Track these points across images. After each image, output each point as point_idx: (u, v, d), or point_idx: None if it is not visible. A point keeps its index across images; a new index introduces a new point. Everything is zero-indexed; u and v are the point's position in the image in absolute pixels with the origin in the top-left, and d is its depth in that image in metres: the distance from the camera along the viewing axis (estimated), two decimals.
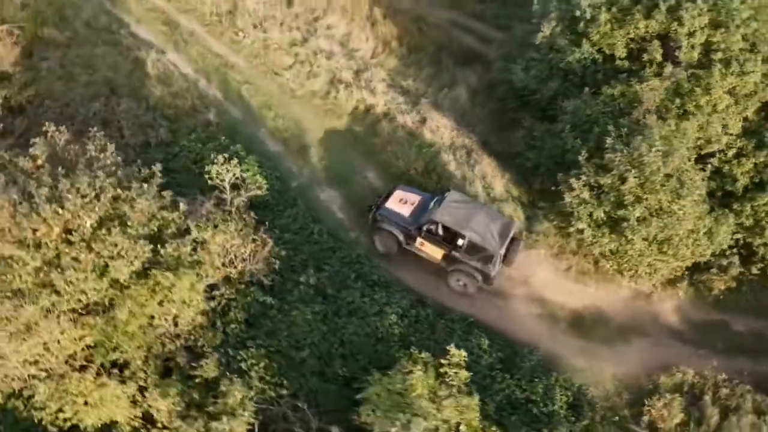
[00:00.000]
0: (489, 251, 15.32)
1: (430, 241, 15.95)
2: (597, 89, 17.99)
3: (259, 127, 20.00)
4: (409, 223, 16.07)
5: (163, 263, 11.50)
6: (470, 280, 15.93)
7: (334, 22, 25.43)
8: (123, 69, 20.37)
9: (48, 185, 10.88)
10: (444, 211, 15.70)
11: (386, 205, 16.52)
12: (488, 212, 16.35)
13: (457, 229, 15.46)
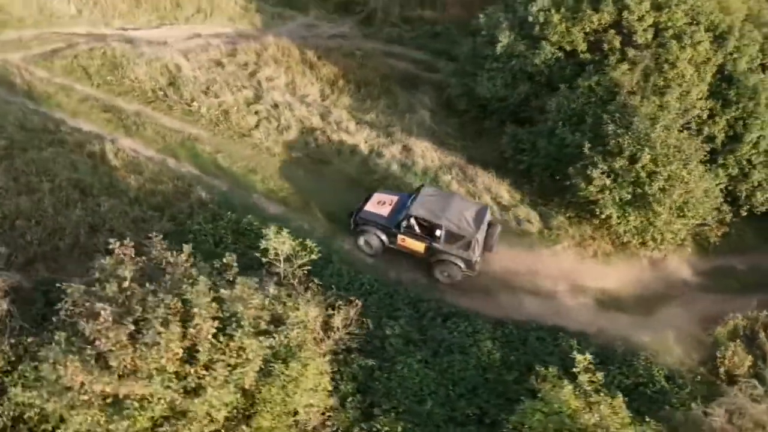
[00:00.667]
0: (466, 237, 15.84)
1: (411, 236, 16.44)
2: (569, 84, 18.97)
3: (250, 193, 19.12)
4: (389, 222, 16.56)
5: (280, 354, 10.67)
6: (454, 268, 16.34)
7: (271, 73, 24.99)
8: (83, 167, 18.71)
9: (154, 305, 9.71)
10: (418, 205, 16.29)
11: (365, 208, 17.06)
12: (461, 201, 16.91)
13: (433, 220, 16.01)
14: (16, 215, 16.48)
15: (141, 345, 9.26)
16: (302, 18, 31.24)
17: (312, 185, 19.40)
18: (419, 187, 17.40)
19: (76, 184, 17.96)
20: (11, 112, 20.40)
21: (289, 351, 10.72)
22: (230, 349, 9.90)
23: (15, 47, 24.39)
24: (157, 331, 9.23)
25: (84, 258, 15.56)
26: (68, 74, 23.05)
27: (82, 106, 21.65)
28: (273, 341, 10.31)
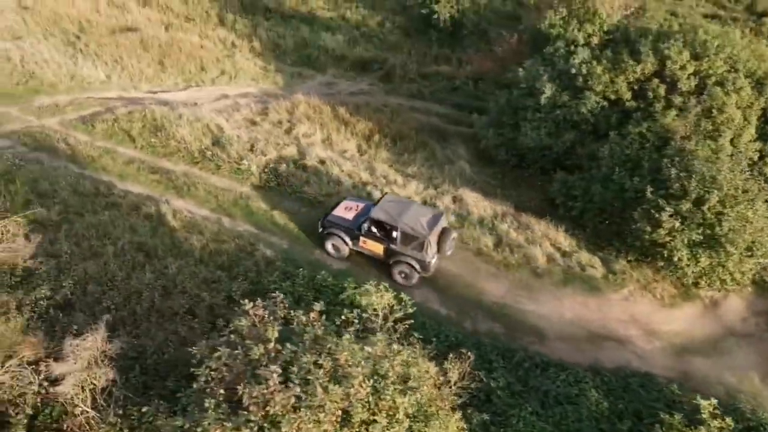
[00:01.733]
0: (419, 239, 16.73)
1: (371, 239, 17.50)
2: (617, 131, 19.43)
3: (311, 249, 18.82)
4: (352, 225, 17.67)
5: (419, 413, 10.28)
6: (410, 269, 17.19)
7: (306, 130, 25.12)
8: (143, 229, 18.33)
9: (308, 366, 9.31)
10: (378, 209, 17.36)
11: (333, 212, 18.22)
12: (419, 207, 17.94)
13: (390, 222, 17.01)
14: (86, 280, 15.94)
15: (305, 409, 8.82)
16: (320, 77, 31.74)
17: None
18: (381, 197, 18.46)
19: (139, 246, 17.52)
20: (61, 176, 20.08)
21: (421, 409, 10.34)
22: (380, 408, 9.50)
23: (51, 112, 24.19)
24: (321, 393, 8.83)
25: (162, 321, 15.07)
26: (109, 137, 22.83)
27: (129, 168, 21.35)
28: (418, 397, 9.93)
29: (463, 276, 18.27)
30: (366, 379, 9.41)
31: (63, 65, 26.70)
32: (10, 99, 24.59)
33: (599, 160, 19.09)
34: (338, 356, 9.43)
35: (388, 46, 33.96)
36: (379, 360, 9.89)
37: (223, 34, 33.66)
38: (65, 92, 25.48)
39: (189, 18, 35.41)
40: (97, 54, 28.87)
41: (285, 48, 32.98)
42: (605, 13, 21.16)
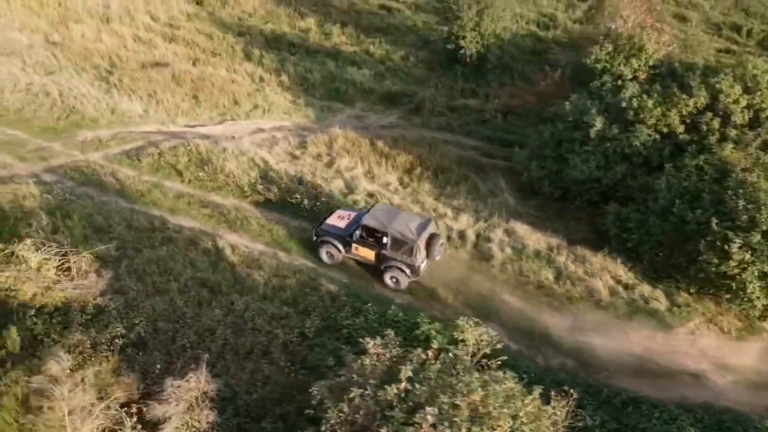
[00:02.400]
0: (409, 243, 17.42)
1: (363, 245, 18.21)
2: (672, 164, 19.48)
3: (372, 284, 18.55)
4: (344, 233, 18.37)
5: None
6: (400, 274, 17.87)
7: (347, 163, 25.03)
8: (202, 264, 18.06)
9: (450, 407, 8.96)
10: (369, 217, 18.11)
11: (326, 221, 18.92)
12: (408, 214, 18.85)
13: (381, 228, 17.78)
14: (155, 317, 15.55)
15: None
16: (349, 110, 31.73)
17: (429, 271, 18.90)
18: (372, 205, 19.28)
19: (202, 282, 17.23)
20: (113, 211, 19.77)
21: None
22: None
23: (95, 147, 24.01)
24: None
25: (238, 359, 14.68)
26: (156, 171, 22.68)
27: (179, 202, 21.16)
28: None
29: (526, 310, 18.03)
30: (505, 420, 9.10)
31: (102, 100, 26.59)
32: (52, 134, 24.38)
33: (655, 192, 19.07)
34: (473, 396, 9.11)
35: (413, 80, 34.14)
36: (509, 399, 9.57)
37: (251, 69, 33.70)
38: (106, 126, 25.29)
39: (215, 53, 35.48)
40: (131, 88, 28.79)
41: (313, 82, 33.02)
42: (651, 48, 21.42)
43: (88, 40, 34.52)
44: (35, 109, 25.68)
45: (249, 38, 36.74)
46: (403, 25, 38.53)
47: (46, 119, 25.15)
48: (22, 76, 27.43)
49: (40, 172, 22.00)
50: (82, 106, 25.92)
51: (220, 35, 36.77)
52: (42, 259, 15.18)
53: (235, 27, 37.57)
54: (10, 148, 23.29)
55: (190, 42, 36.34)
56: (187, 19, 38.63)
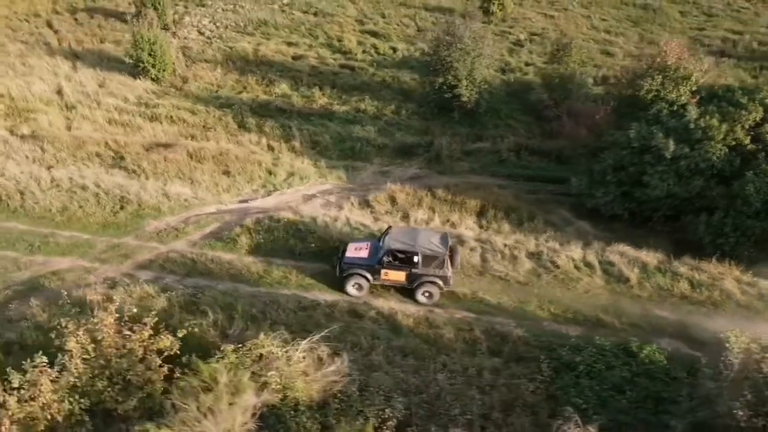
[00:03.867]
0: (440, 257, 18.61)
1: (392, 269, 18.98)
2: (752, 171, 21.93)
3: (536, 322, 18.86)
4: (371, 262, 18.95)
5: None
6: (433, 287, 18.92)
7: (422, 215, 25.28)
8: (382, 332, 17.36)
9: None
10: (393, 241, 19.03)
11: (347, 255, 19.27)
12: (426, 231, 20.22)
13: (409, 249, 18.75)
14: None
15: None
16: (371, 167, 31.92)
17: (577, 299, 19.49)
18: (386, 230, 20.21)
19: (402, 349, 16.50)
20: (251, 296, 18.25)
21: None
22: None
23: (173, 235, 22.19)
24: None
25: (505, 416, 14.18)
26: (257, 250, 21.32)
27: (305, 279, 19.96)
28: None
29: (685, 320, 19.16)
30: None
31: (147, 187, 24.44)
32: (116, 229, 22.13)
33: (740, 197, 21.24)
34: None
35: (416, 131, 35.03)
36: None
37: (255, 138, 32.77)
38: (170, 213, 23.41)
39: (207, 127, 34.07)
40: (157, 172, 26.81)
41: (324, 144, 32.77)
42: (696, 76, 24.27)
43: (60, 129, 31.61)
44: (80, 205, 23.08)
45: (236, 108, 35.64)
46: (373, 81, 39.43)
47: (100, 214, 22.70)
48: (37, 172, 24.49)
49: (132, 271, 19.80)
50: (137, 195, 23.58)
51: (203, 109, 35.34)
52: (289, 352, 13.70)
53: (212, 100, 36.35)
54: (81, 251, 20.82)
55: (176, 119, 34.55)
56: (157, 97, 36.74)
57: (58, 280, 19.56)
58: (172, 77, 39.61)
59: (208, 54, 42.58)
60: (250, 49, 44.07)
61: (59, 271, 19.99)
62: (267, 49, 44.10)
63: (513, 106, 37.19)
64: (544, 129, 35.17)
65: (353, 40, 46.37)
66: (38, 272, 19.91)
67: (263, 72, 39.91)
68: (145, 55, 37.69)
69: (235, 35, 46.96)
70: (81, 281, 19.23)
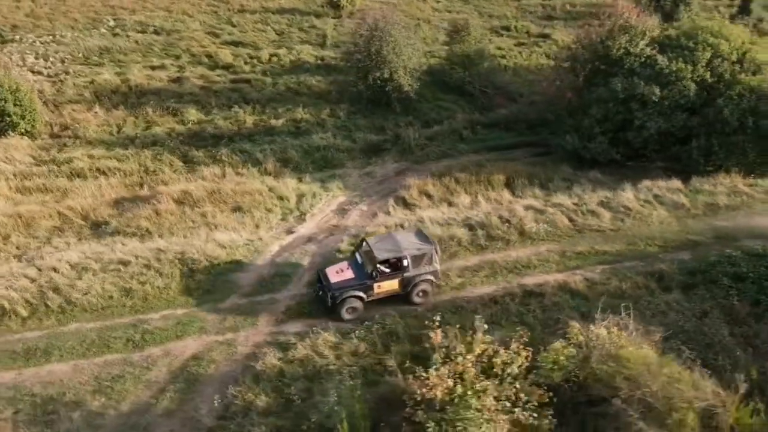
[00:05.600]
0: (427, 252, 18.85)
1: (385, 279, 18.72)
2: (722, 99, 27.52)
3: None
4: (360, 280, 18.58)
5: None
6: (427, 284, 19.09)
7: (463, 200, 26.92)
8: None
9: None
10: (378, 251, 18.60)
11: (332, 281, 18.49)
12: (401, 233, 20.27)
13: (396, 255, 18.65)
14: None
15: None
16: (354, 171, 31.91)
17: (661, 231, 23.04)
18: (360, 242, 20.08)
19: None
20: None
21: None
22: None
23: (280, 282, 20.54)
24: None
25: None
26: None
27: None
28: None
29: (742, 223, 23.54)
30: None
31: (196, 243, 21.97)
32: (206, 294, 19.79)
33: (719, 121, 26.80)
34: None
35: (367, 129, 35.75)
36: None
37: (217, 171, 30.68)
38: (247, 261, 21.37)
39: (150, 171, 30.94)
40: (166, 227, 24.11)
41: (295, 159, 31.97)
42: (650, 31, 29.30)
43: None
44: (140, 281, 19.94)
45: (166, 145, 32.73)
46: (280, 91, 38.99)
47: (174, 284, 19.87)
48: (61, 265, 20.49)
49: (276, 328, 18.23)
50: (187, 255, 21.13)
51: (128, 153, 31.85)
52: None
53: (126, 141, 32.91)
54: (195, 327, 18.41)
55: (105, 169, 30.65)
56: (57, 151, 31.94)
57: (209, 363, 17.04)
58: (46, 127, 34.35)
59: (70, 94, 37.49)
60: (114, 79, 39.81)
61: (198, 355, 17.36)
62: (134, 76, 40.26)
63: (434, 89, 39.66)
64: (475, 104, 38.37)
65: (227, 54, 44.51)
66: (174, 365, 17.04)
67: (149, 101, 36.60)
68: (10, 107, 32.04)
69: (81, 68, 41.89)
70: (237, 356, 17.14)
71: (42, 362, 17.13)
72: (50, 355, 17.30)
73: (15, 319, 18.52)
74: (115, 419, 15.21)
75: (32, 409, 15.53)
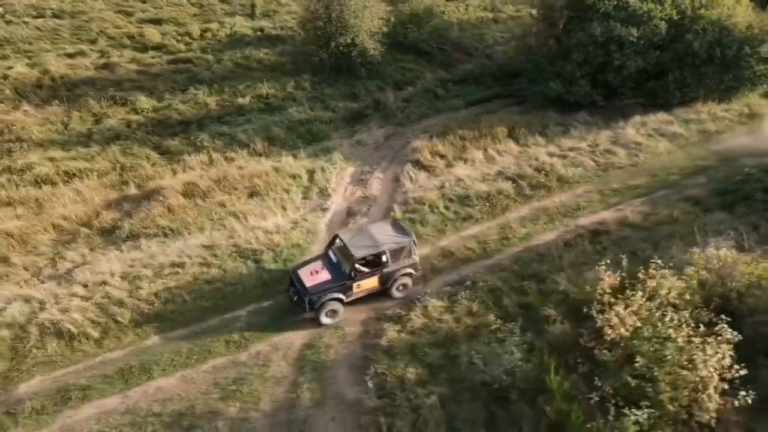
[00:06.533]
0: (406, 245, 18.10)
1: (364, 278, 17.80)
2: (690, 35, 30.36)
3: None
4: (338, 280, 17.49)
5: None
6: (407, 278, 18.41)
7: (476, 155, 27.99)
8: None
9: None
10: (356, 249, 17.50)
11: (308, 286, 17.23)
12: (375, 225, 19.26)
13: (375, 251, 17.70)
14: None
15: None
16: (343, 141, 31.64)
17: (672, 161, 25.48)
18: (332, 239, 18.85)
19: None
20: None
21: None
22: None
23: None
24: None
25: None
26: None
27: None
28: None
29: (735, 147, 26.42)
30: None
31: (243, 236, 21.25)
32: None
33: (689, 55, 29.63)
34: None
35: (340, 97, 35.55)
36: None
37: (204, 159, 29.46)
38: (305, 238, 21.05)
39: (127, 168, 29.16)
40: (191, 222, 23.08)
41: (281, 136, 31.36)
42: None
43: None
44: (208, 280, 19.12)
45: (133, 137, 30.93)
46: (229, 67, 37.60)
47: (246, 278, 19.28)
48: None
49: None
50: (248, 248, 20.53)
51: (92, 152, 29.76)
52: None
53: (83, 138, 30.65)
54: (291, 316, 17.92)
55: (74, 171, 28.53)
56: (9, 158, 29.31)
57: (325, 349, 16.95)
58: None
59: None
60: (31, 72, 36.57)
61: (309, 343, 17.15)
62: (52, 66, 37.19)
63: (392, 51, 39.85)
64: (435, 62, 39.17)
65: (154, 33, 41.99)
66: (290, 357, 16.69)
67: (85, 93, 34.12)
68: None
69: None
70: (349, 337, 17.46)
71: (144, 380, 16.03)
72: (151, 372, 16.21)
73: (87, 342, 17.02)
74: (263, 420, 14.72)
75: (166, 429, 14.62)
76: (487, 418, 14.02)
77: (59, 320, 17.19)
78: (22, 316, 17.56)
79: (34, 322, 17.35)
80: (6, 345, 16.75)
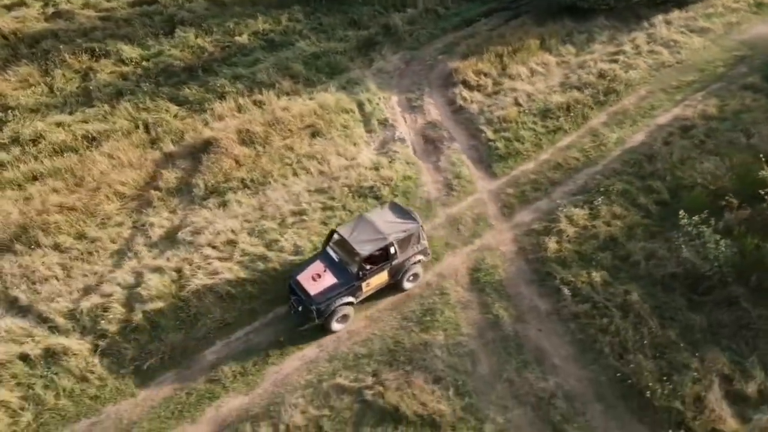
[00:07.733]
0: (414, 231, 16.85)
1: (373, 275, 16.62)
2: None
3: None
4: (345, 283, 16.32)
5: None
6: (418, 266, 17.28)
7: (519, 70, 28.80)
8: None
9: None
10: (360, 246, 16.12)
11: (313, 294, 16.04)
12: (376, 213, 17.50)
13: (382, 245, 16.27)
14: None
15: None
16: (362, 72, 31.48)
17: (712, 56, 27.30)
18: (329, 235, 17.28)
19: None
20: None
21: None
22: None
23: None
24: None
25: None
26: None
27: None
28: None
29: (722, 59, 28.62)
30: None
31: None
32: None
33: None
34: None
35: (338, 26, 34.94)
36: None
37: (230, 105, 28.57)
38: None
39: (151, 124, 28.05)
40: (275, 166, 22.76)
41: (304, 72, 30.69)
42: None
43: None
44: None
45: (141, 89, 29.51)
46: (211, 6, 36.08)
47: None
48: None
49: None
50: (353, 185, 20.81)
51: (103, 111, 28.33)
52: None
53: (82, 98, 28.96)
54: (442, 244, 18.53)
55: (110, 131, 27.08)
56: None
57: (493, 270, 17.85)
58: None
59: None
60: None
61: (474, 267, 17.93)
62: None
63: None
64: None
65: None
66: (462, 282, 17.45)
67: (52, 47, 31.90)
68: None
69: None
70: (509, 255, 18.17)
71: None
72: None
73: (251, 301, 16.86)
74: (475, 342, 15.54)
75: (386, 366, 15.10)
76: (687, 306, 15.52)
77: (213, 284, 16.75)
78: (165, 287, 16.95)
79: (188, 290, 16.81)
80: (171, 316, 16.24)
